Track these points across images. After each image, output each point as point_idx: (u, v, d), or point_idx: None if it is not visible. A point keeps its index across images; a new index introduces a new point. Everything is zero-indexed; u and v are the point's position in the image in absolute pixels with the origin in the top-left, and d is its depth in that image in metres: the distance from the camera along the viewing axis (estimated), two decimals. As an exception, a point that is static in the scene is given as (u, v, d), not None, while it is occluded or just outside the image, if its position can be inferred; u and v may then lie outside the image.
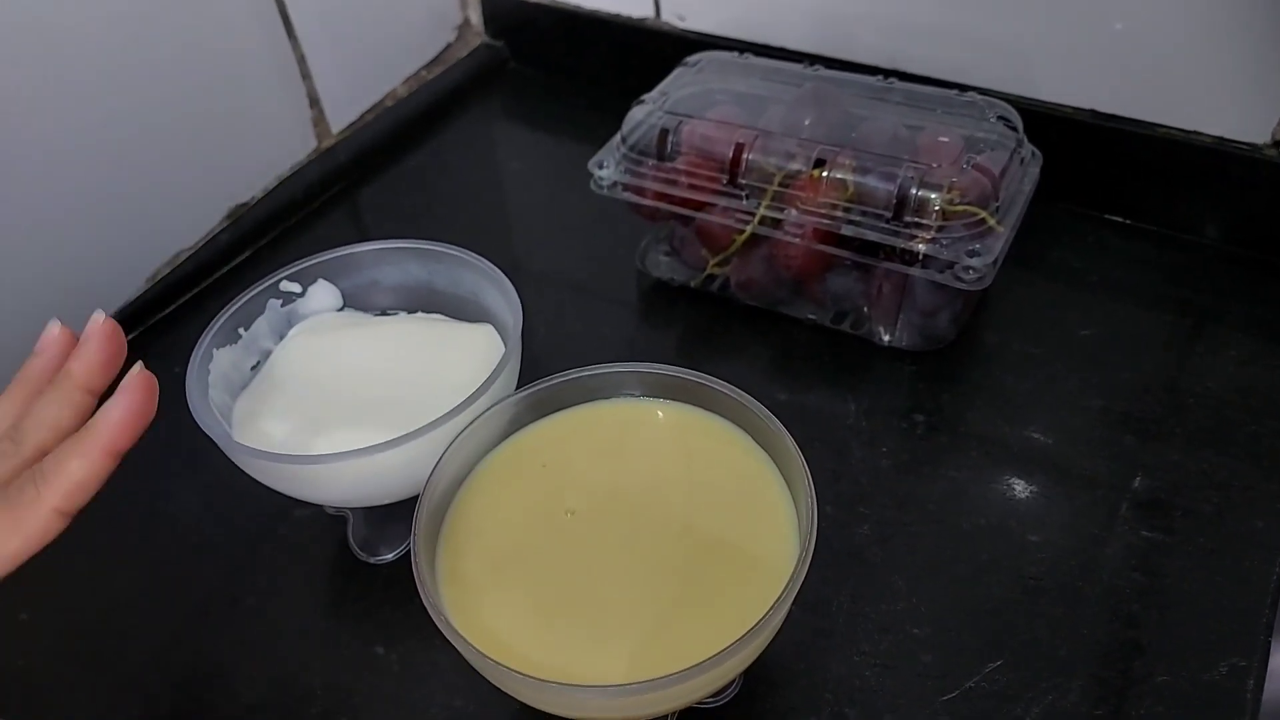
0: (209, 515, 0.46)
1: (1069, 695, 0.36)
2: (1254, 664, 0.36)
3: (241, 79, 0.58)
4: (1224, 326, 0.49)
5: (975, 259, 0.43)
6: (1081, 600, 0.39)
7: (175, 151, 0.55)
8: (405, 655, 0.39)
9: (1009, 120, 0.47)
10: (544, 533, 0.35)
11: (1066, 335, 0.49)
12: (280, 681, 0.39)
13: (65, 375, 0.31)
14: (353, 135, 0.66)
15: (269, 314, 0.44)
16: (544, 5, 0.69)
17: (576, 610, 0.33)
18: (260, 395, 0.41)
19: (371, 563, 0.43)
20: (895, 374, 0.48)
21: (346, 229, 0.62)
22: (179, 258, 0.57)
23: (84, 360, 0.31)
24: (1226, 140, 0.50)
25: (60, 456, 0.29)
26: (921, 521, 0.42)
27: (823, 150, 0.45)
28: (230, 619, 0.41)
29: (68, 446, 0.29)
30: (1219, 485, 0.42)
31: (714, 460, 0.37)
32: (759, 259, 0.49)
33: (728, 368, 0.50)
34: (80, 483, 0.29)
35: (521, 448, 0.38)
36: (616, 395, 0.38)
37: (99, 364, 0.31)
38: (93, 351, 0.31)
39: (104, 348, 0.32)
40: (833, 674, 0.37)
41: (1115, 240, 0.54)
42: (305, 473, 0.37)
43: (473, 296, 0.45)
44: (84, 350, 0.31)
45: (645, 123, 0.50)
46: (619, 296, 0.55)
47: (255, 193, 0.61)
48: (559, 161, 0.65)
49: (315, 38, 0.61)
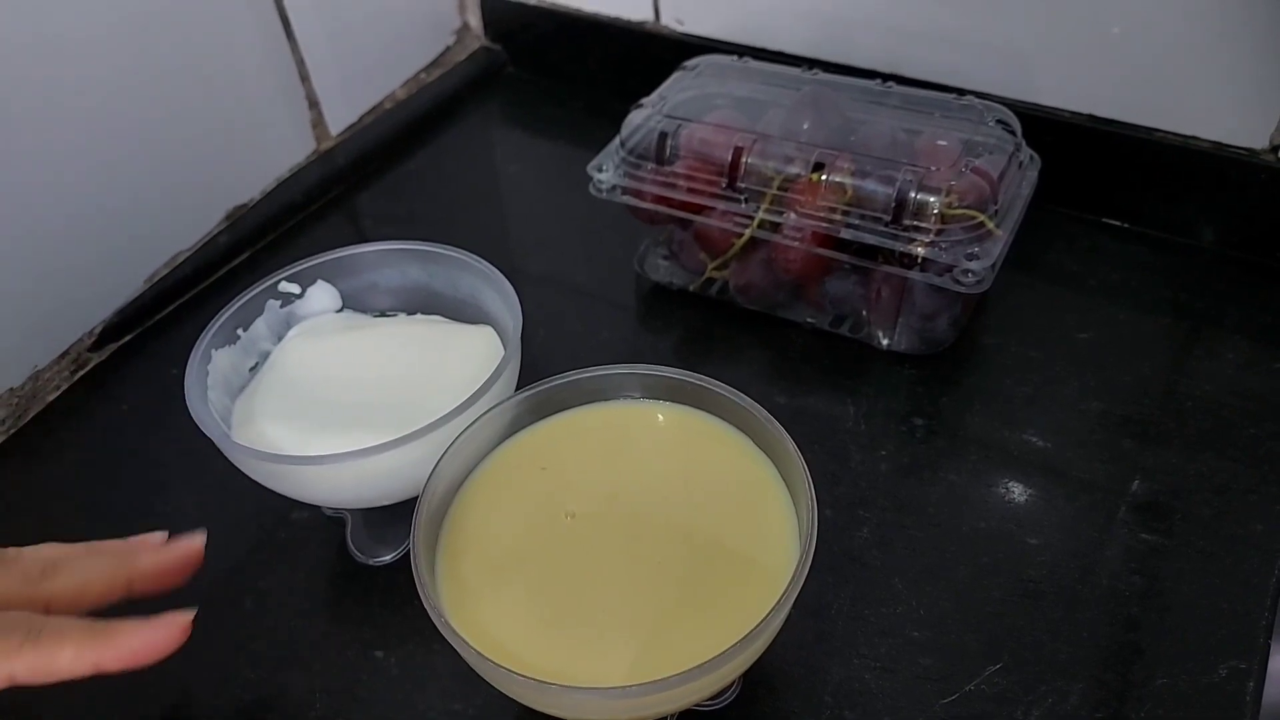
0: (207, 517, 0.46)
1: (1069, 698, 0.36)
2: (1254, 667, 0.36)
3: (240, 81, 0.58)
4: (1222, 330, 0.49)
5: (974, 262, 0.43)
6: (1081, 603, 0.39)
7: (174, 153, 0.55)
8: (404, 658, 0.39)
9: (1007, 124, 0.48)
10: (543, 535, 0.35)
11: (1065, 339, 0.49)
12: (279, 684, 0.39)
13: (130, 555, 0.30)
14: (351, 138, 0.66)
15: (268, 315, 0.44)
16: (543, 8, 0.69)
17: (576, 613, 0.33)
18: (259, 396, 0.41)
19: (370, 564, 0.43)
20: (894, 377, 0.49)
21: (345, 231, 0.62)
22: (177, 259, 0.57)
23: (153, 563, 0.30)
24: (1224, 145, 0.50)
25: (60, 636, 0.27)
26: (921, 525, 0.42)
27: (821, 154, 0.45)
28: (229, 621, 0.41)
29: (73, 632, 0.27)
30: (1218, 488, 0.42)
31: (714, 463, 0.37)
32: (758, 262, 0.49)
33: (727, 371, 0.49)
34: (55, 673, 0.27)
35: (520, 450, 0.38)
36: (616, 397, 0.38)
37: (160, 575, 0.31)
38: (166, 563, 0.31)
39: (178, 566, 0.31)
40: (832, 677, 0.37)
41: (1114, 244, 0.54)
42: (304, 474, 0.37)
43: (472, 298, 0.45)
44: (161, 556, 0.31)
45: (644, 126, 0.50)
46: (618, 300, 0.55)
47: (254, 195, 0.61)
48: (558, 165, 0.65)
49: (314, 40, 0.61)
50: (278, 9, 0.58)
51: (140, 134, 0.53)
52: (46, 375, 0.51)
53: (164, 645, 0.28)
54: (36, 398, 0.51)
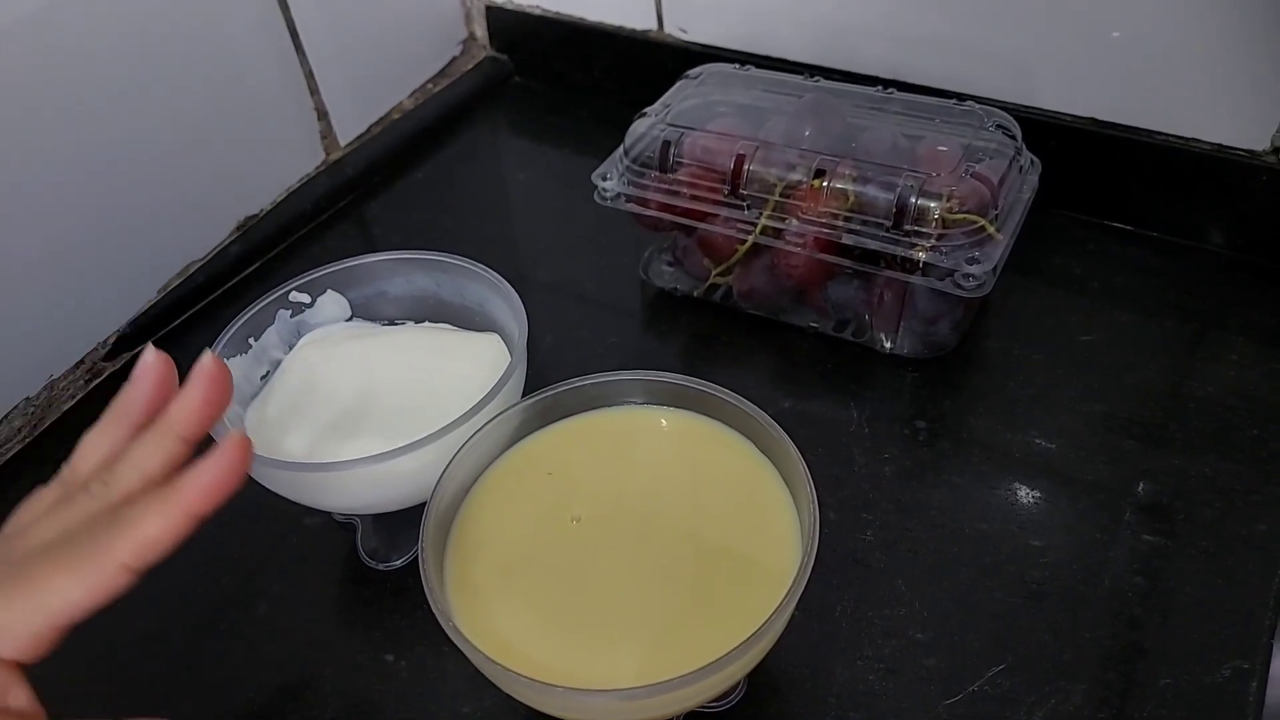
0: (220, 523, 0.46)
1: (1072, 699, 0.36)
2: (1256, 667, 0.36)
3: (250, 94, 0.59)
4: (1225, 331, 0.49)
5: (975, 266, 0.43)
6: (1084, 604, 0.39)
7: (186, 165, 0.56)
8: (414, 662, 0.40)
9: (1007, 129, 0.48)
10: (550, 539, 0.35)
11: (1068, 341, 0.49)
12: (291, 688, 0.40)
13: (164, 420, 0.30)
14: (360, 148, 0.67)
15: (278, 324, 0.44)
16: (548, 18, 0.69)
17: (582, 616, 0.33)
18: (270, 405, 0.42)
19: (380, 570, 0.43)
20: (897, 381, 0.49)
21: (354, 241, 0.63)
22: (190, 269, 0.58)
23: (184, 406, 0.30)
24: (1226, 147, 0.51)
25: (140, 511, 0.28)
26: (924, 527, 0.42)
27: (823, 161, 0.46)
28: (242, 626, 0.42)
29: (149, 501, 0.28)
30: (1221, 489, 0.42)
31: (717, 467, 0.37)
32: (761, 268, 0.50)
33: (731, 376, 0.50)
34: (154, 541, 0.27)
35: (527, 455, 0.38)
36: (620, 403, 0.39)
37: (198, 409, 0.30)
38: (195, 397, 0.30)
39: (207, 392, 0.30)
40: (837, 678, 0.38)
41: (1116, 246, 0.55)
42: (315, 480, 0.38)
43: (479, 306, 0.45)
44: (186, 395, 0.30)
45: (647, 135, 0.50)
46: (623, 306, 0.56)
47: (264, 205, 0.62)
48: (563, 173, 0.66)
49: (323, 52, 0.62)
50: (286, 23, 0.59)
51: (152, 147, 0.54)
52: (62, 385, 0.52)
53: (235, 468, 0.29)
54: (52, 407, 0.52)
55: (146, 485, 0.29)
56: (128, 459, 0.29)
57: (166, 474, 0.29)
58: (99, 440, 0.31)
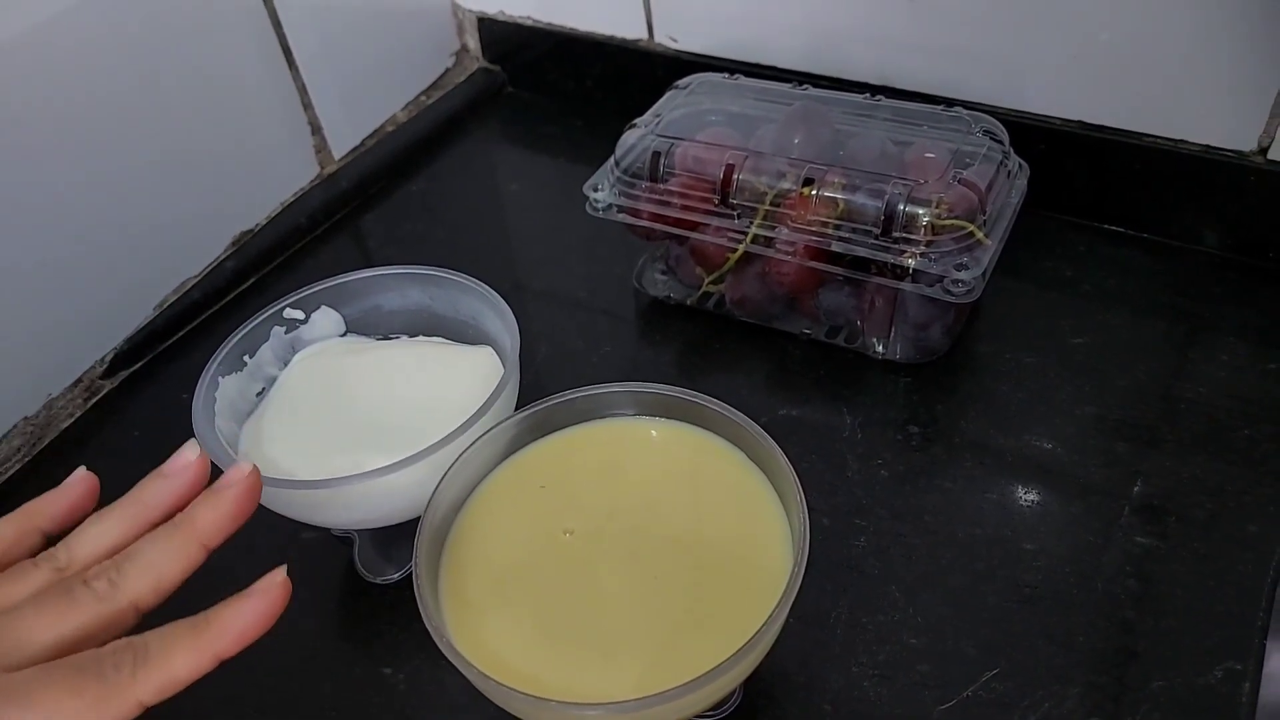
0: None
1: (1066, 702, 0.36)
2: (1249, 668, 0.36)
3: (243, 109, 0.59)
4: (1216, 332, 0.49)
5: (964, 272, 0.43)
6: (1077, 607, 0.39)
7: (180, 182, 0.56)
8: (412, 675, 0.40)
9: (994, 134, 0.48)
10: (543, 553, 0.36)
11: (1059, 344, 0.50)
12: (289, 702, 0.40)
13: (187, 522, 0.28)
14: (354, 161, 0.67)
15: (273, 341, 0.45)
16: (539, 29, 0.70)
17: (577, 629, 0.33)
18: (266, 421, 0.42)
19: (378, 583, 0.43)
20: (890, 386, 0.49)
21: (349, 254, 0.63)
22: (186, 285, 0.58)
23: (213, 513, 0.28)
24: (1213, 148, 0.51)
25: (168, 646, 0.25)
26: (918, 532, 0.43)
27: (812, 169, 0.46)
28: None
29: (179, 636, 0.26)
30: (1213, 490, 0.42)
31: (709, 477, 0.37)
32: (753, 276, 0.50)
33: (725, 383, 0.51)
34: (179, 683, 0.25)
35: (520, 469, 0.38)
36: (611, 415, 0.39)
37: (228, 520, 0.28)
38: (226, 505, 0.28)
39: (239, 504, 0.28)
40: (832, 685, 0.38)
41: (1106, 249, 0.55)
42: (311, 497, 0.38)
43: (472, 320, 0.45)
44: (216, 501, 0.28)
45: (638, 146, 0.51)
46: (617, 314, 0.56)
47: (259, 220, 0.62)
48: (557, 183, 0.66)
49: (315, 66, 0.62)
50: (278, 38, 0.60)
51: (146, 163, 0.54)
52: (60, 403, 0.53)
53: (271, 611, 0.27)
54: (51, 425, 0.52)
55: (157, 592, 0.27)
56: (140, 559, 0.27)
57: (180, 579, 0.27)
58: (107, 529, 0.28)
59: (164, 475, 0.29)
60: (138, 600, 0.26)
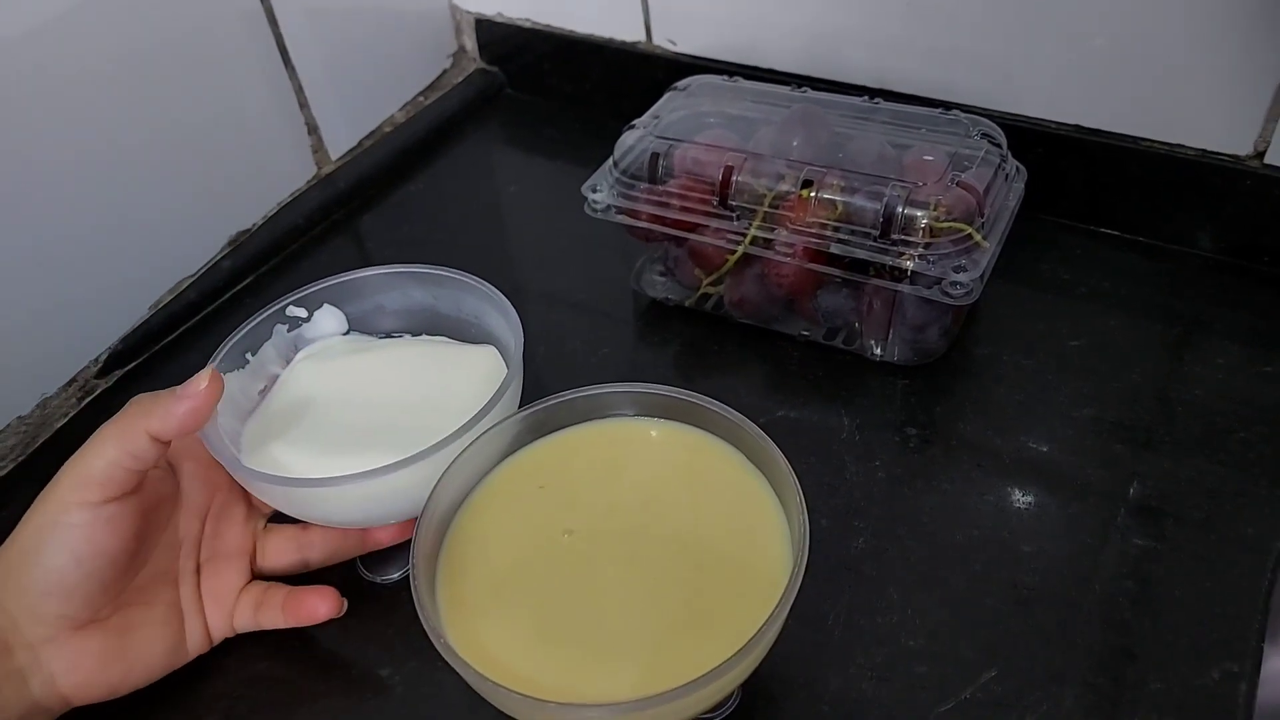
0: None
1: (1063, 703, 0.36)
2: (1246, 669, 0.37)
3: (241, 109, 0.59)
4: (1212, 334, 0.50)
5: (962, 274, 0.43)
6: (1074, 609, 0.39)
7: (176, 181, 0.56)
8: (409, 676, 0.40)
9: (993, 137, 0.48)
10: (542, 553, 0.36)
11: (1056, 346, 0.50)
12: (287, 703, 0.40)
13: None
14: (352, 162, 0.67)
15: (275, 339, 0.44)
16: (538, 30, 0.70)
17: (575, 629, 0.33)
18: (268, 420, 0.42)
19: (378, 583, 0.43)
20: (888, 388, 0.49)
21: (347, 255, 0.63)
22: (182, 285, 0.58)
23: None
24: (1209, 152, 0.51)
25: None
26: (915, 534, 0.43)
27: (810, 171, 0.46)
28: (238, 640, 0.42)
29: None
30: (1209, 492, 0.43)
31: (708, 477, 0.37)
32: (751, 278, 0.50)
33: (723, 384, 0.51)
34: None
35: (518, 469, 0.38)
36: (610, 415, 0.39)
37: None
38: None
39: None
40: (830, 686, 0.38)
41: (1103, 252, 0.55)
42: (313, 495, 0.38)
43: (475, 319, 0.45)
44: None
45: (637, 147, 0.51)
46: (616, 316, 0.56)
47: (256, 220, 0.62)
48: (555, 184, 0.66)
49: (312, 67, 0.62)
50: (275, 37, 0.60)
51: (143, 163, 0.54)
52: (54, 403, 0.52)
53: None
54: (45, 425, 0.52)
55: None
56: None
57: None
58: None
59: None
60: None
